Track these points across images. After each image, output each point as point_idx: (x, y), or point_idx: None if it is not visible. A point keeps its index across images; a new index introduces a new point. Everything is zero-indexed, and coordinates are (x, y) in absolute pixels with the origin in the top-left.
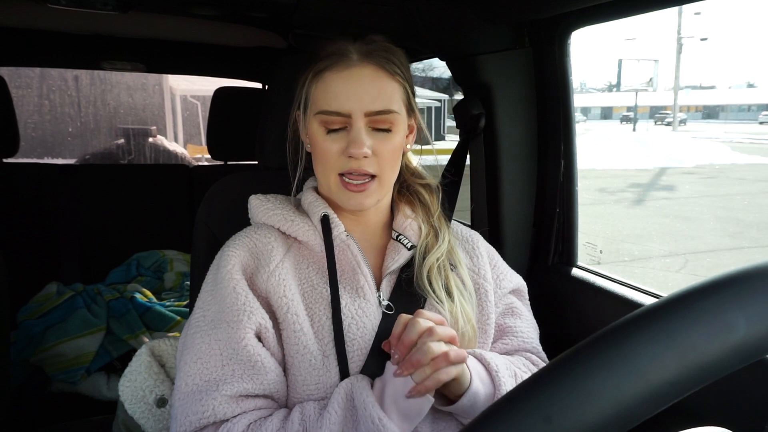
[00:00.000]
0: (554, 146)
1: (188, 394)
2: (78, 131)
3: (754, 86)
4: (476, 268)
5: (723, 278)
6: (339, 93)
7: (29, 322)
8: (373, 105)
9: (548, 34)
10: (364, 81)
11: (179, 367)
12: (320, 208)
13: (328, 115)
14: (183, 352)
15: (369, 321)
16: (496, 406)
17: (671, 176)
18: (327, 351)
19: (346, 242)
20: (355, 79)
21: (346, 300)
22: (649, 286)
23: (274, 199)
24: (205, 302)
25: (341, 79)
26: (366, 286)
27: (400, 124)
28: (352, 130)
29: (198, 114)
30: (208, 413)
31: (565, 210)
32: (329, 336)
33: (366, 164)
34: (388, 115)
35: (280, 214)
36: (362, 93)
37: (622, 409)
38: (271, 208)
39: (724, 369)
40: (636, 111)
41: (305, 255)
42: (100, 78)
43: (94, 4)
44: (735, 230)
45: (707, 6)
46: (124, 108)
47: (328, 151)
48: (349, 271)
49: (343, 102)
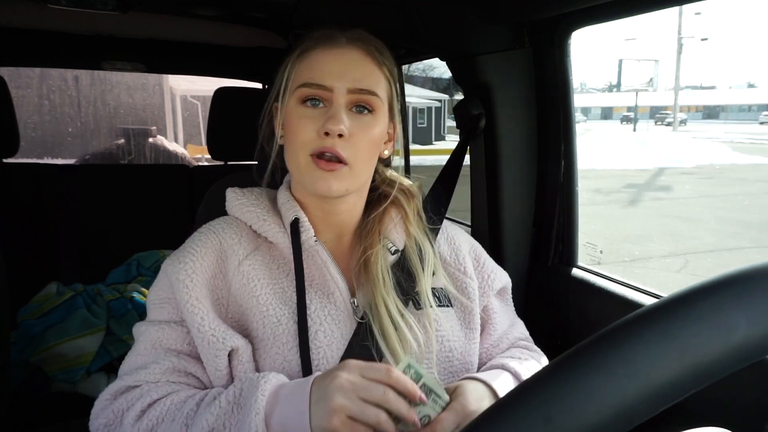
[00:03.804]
0: (554, 146)
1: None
2: (78, 131)
3: (755, 86)
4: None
5: (723, 278)
6: (323, 67)
7: (29, 322)
8: (357, 83)
9: (548, 34)
10: (350, 60)
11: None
12: (292, 211)
13: (309, 87)
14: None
15: (338, 329)
16: (496, 406)
17: (671, 176)
18: (290, 356)
19: (314, 248)
20: (343, 57)
21: (315, 306)
22: (649, 287)
23: (250, 194)
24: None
25: (328, 55)
26: (337, 292)
27: (381, 115)
28: (331, 106)
29: (198, 114)
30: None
31: (565, 210)
32: (294, 341)
33: (340, 146)
34: (371, 96)
35: (253, 211)
36: (348, 70)
37: (622, 409)
38: (246, 203)
39: (725, 369)
40: (636, 111)
41: (275, 256)
42: (100, 78)
43: (94, 4)
44: (735, 230)
45: (707, 6)
46: (124, 108)
47: (303, 128)
48: (319, 277)
49: (326, 75)
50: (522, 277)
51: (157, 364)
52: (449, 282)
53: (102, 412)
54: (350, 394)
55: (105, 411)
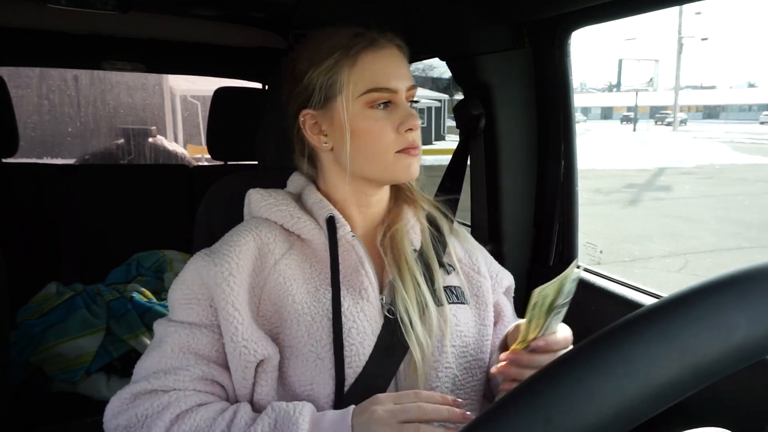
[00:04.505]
0: (554, 146)
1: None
2: (78, 131)
3: (755, 86)
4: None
5: (723, 278)
6: (383, 71)
7: (29, 322)
8: (410, 80)
9: (548, 34)
10: (398, 60)
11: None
12: (326, 209)
13: (379, 92)
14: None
15: (370, 325)
16: (496, 406)
17: (671, 176)
18: (323, 354)
19: (351, 243)
20: (393, 58)
21: (348, 303)
22: (649, 287)
23: (276, 195)
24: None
25: (380, 59)
26: (369, 287)
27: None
28: (399, 106)
29: (198, 114)
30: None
31: (565, 210)
32: (327, 338)
33: (417, 137)
34: (416, 89)
35: (284, 210)
36: (400, 70)
37: (622, 409)
38: (274, 203)
39: (725, 369)
40: (636, 111)
41: (308, 254)
42: (100, 78)
43: (94, 4)
44: (735, 230)
45: (708, 6)
46: (124, 108)
47: (382, 132)
48: (353, 272)
49: (390, 78)
50: (522, 277)
51: (186, 371)
52: (465, 281)
53: (122, 414)
54: (390, 421)
55: (126, 413)
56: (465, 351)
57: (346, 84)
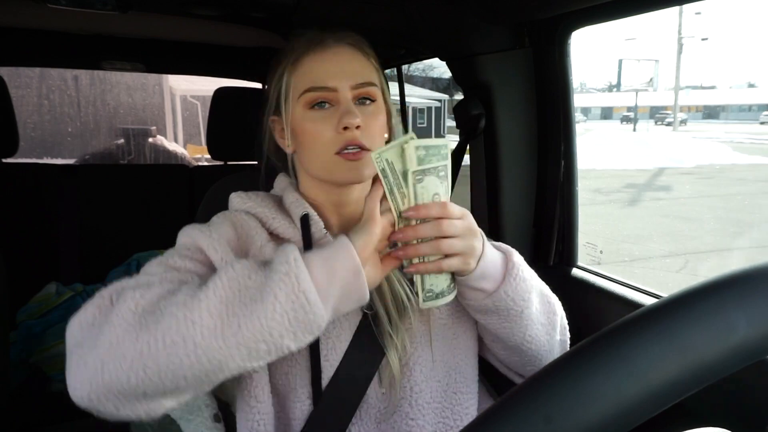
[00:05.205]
0: (554, 146)
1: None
2: (78, 131)
3: (755, 86)
4: None
5: (723, 279)
6: (322, 70)
7: (29, 322)
8: (357, 78)
9: (548, 34)
10: (343, 58)
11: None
12: (300, 208)
13: (314, 91)
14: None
15: (347, 320)
16: (497, 406)
17: (671, 176)
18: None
19: (324, 239)
20: (336, 56)
21: None
22: (649, 287)
23: (255, 196)
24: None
25: (322, 59)
26: None
27: (381, 102)
28: (340, 104)
29: (198, 114)
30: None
31: (565, 210)
32: None
33: (359, 136)
34: (371, 87)
35: (262, 211)
36: (345, 68)
37: (622, 409)
38: (253, 206)
39: (725, 369)
40: (636, 111)
41: None
42: (99, 78)
43: (93, 4)
44: (735, 230)
45: (708, 6)
46: (124, 108)
47: (319, 132)
48: None
49: (327, 77)
50: None
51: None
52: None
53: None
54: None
55: (89, 306)
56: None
57: (290, 87)
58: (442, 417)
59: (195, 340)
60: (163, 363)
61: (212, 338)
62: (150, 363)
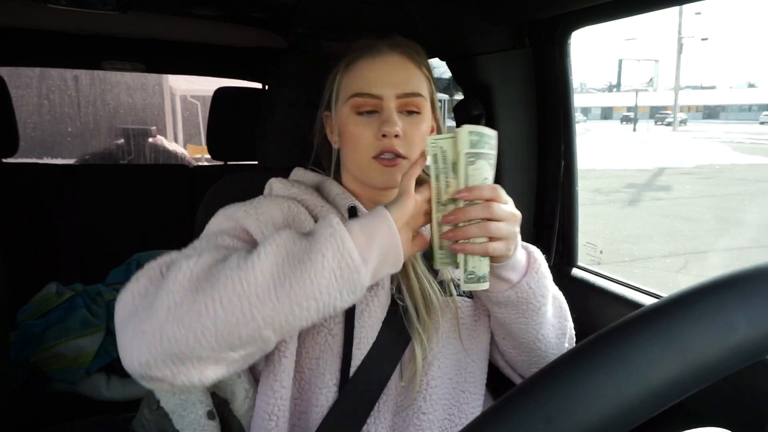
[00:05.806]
0: (554, 146)
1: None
2: (78, 131)
3: (755, 86)
4: None
5: (723, 279)
6: (370, 77)
7: (29, 322)
8: (404, 88)
9: (548, 34)
10: (393, 66)
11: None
12: (348, 200)
13: (360, 97)
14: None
15: (380, 309)
16: (497, 406)
17: (671, 176)
18: (335, 330)
19: None
20: (386, 64)
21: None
22: (649, 287)
23: (299, 185)
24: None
25: (372, 65)
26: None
27: (427, 111)
28: (383, 112)
29: (198, 114)
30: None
31: (565, 210)
32: (341, 314)
33: (397, 144)
34: (417, 98)
35: (309, 200)
36: (392, 77)
37: (622, 409)
38: (299, 193)
39: (725, 369)
40: (636, 111)
41: None
42: (99, 78)
43: (93, 4)
44: (735, 230)
45: (708, 6)
46: (124, 108)
47: (360, 136)
48: None
49: (374, 85)
50: None
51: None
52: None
53: (136, 280)
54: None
55: (140, 278)
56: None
57: (341, 89)
58: (449, 414)
59: (250, 300)
60: (220, 322)
61: (266, 297)
62: (208, 323)
